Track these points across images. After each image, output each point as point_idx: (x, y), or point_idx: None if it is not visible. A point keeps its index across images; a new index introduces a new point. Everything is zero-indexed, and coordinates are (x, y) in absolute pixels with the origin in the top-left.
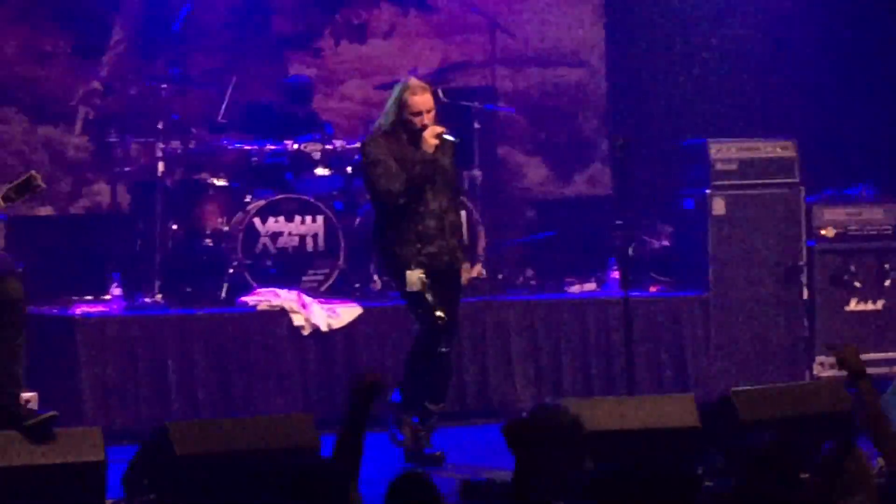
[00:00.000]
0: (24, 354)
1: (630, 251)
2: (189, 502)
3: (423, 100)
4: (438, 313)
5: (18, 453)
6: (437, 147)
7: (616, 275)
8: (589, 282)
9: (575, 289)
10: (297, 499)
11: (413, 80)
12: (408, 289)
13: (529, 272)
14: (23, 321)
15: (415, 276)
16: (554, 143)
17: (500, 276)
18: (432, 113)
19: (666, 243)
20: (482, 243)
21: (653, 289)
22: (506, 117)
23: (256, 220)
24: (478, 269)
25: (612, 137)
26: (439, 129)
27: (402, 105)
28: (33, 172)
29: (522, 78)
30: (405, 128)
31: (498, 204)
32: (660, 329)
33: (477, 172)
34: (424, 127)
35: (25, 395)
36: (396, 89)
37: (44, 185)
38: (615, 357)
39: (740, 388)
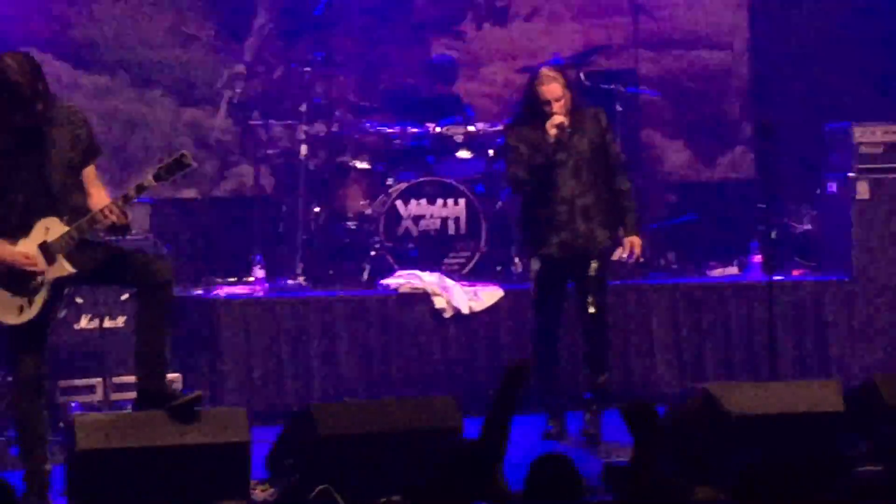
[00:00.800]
0: (169, 336)
1: (773, 235)
2: (332, 483)
3: (550, 89)
4: (591, 310)
5: (164, 433)
6: (567, 132)
7: (758, 259)
8: (731, 266)
9: (717, 272)
10: (440, 480)
11: (544, 70)
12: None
13: (671, 256)
14: (170, 303)
15: (536, 265)
16: (696, 127)
17: (641, 260)
18: (561, 101)
19: (809, 227)
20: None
21: (795, 273)
22: (648, 100)
23: (399, 203)
24: (619, 253)
25: (756, 121)
26: (559, 119)
27: (532, 94)
28: (184, 152)
29: (665, 61)
30: (538, 116)
31: (640, 187)
32: (802, 313)
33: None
34: (552, 115)
35: (170, 376)
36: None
37: (194, 165)
38: (757, 341)
39: (885, 374)
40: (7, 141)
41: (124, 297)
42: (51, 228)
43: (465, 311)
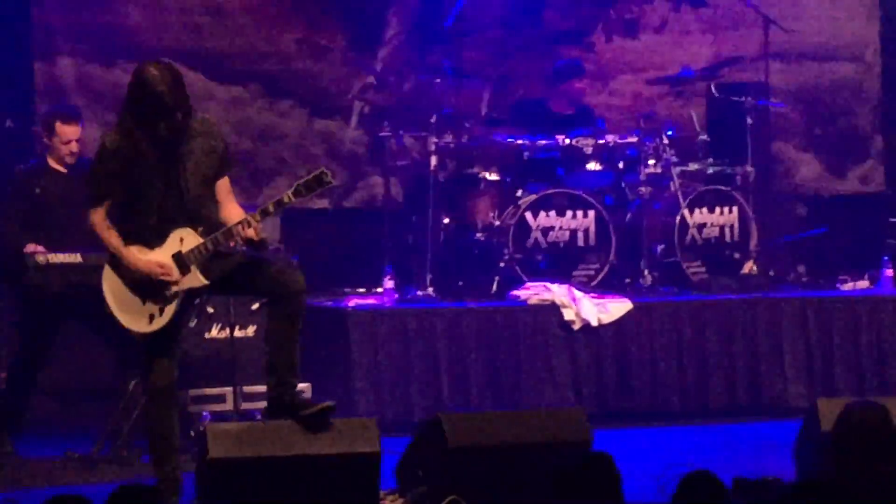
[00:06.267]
0: (300, 346)
1: None
2: (461, 494)
3: None
4: None
5: (295, 443)
6: None
7: (890, 273)
8: (862, 279)
9: (848, 286)
10: (570, 493)
11: None
12: None
13: (801, 269)
14: (302, 313)
15: None
16: (827, 139)
17: (771, 273)
18: None
19: None
20: (754, 239)
21: None
22: (779, 113)
23: (528, 215)
24: (749, 266)
25: (886, 134)
26: None
27: None
28: (324, 169)
29: (796, 73)
30: None
31: (770, 200)
32: None
33: (749, 168)
34: None
35: (300, 385)
36: None
37: (334, 182)
38: (889, 356)
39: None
40: (147, 149)
41: (255, 306)
42: (185, 239)
43: (594, 323)
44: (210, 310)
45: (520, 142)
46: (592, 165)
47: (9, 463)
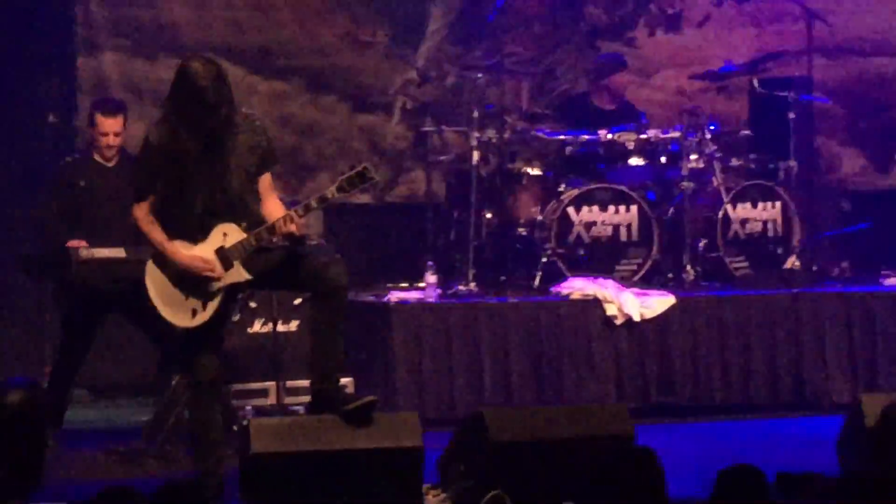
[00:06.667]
0: (343, 340)
1: None
2: (504, 489)
3: None
4: None
5: (338, 437)
6: None
7: None
8: None
9: (891, 281)
10: (613, 488)
11: None
12: None
13: (845, 264)
14: (345, 308)
15: None
16: (871, 134)
17: (814, 268)
18: None
19: None
20: (797, 235)
21: None
22: (822, 107)
23: (570, 210)
24: (792, 261)
25: None
26: None
27: None
28: (367, 165)
29: (840, 67)
30: None
31: (813, 195)
32: None
33: (792, 163)
34: None
35: (343, 380)
36: None
37: (377, 178)
38: None
39: None
40: (190, 145)
41: (297, 301)
42: (229, 234)
43: (637, 318)
44: (253, 305)
45: (562, 137)
46: (634, 160)
47: (51, 456)
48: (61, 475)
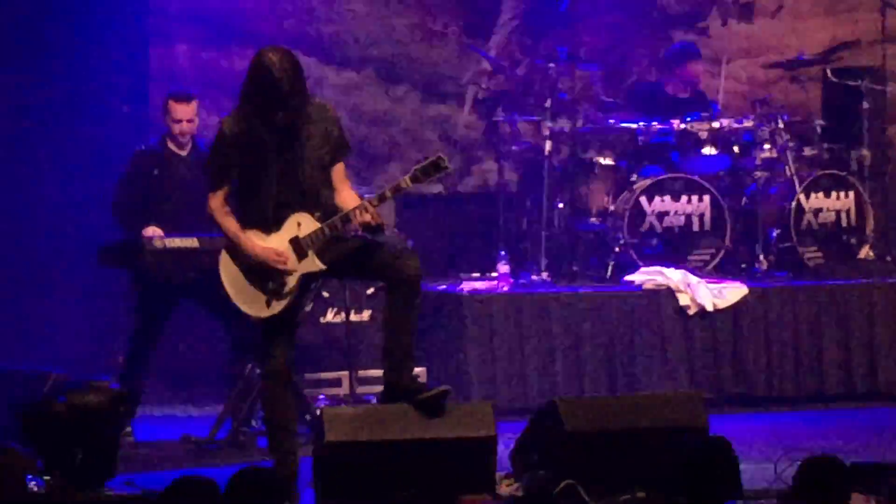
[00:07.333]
0: (416, 330)
1: None
2: (577, 478)
3: None
4: None
5: (411, 427)
6: None
7: None
8: None
9: None
10: (689, 477)
11: None
12: None
13: None
14: (418, 298)
15: None
16: None
17: (888, 258)
18: None
19: None
20: (870, 224)
21: None
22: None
23: (643, 199)
24: (866, 251)
25: None
26: None
27: None
28: (441, 155)
29: None
30: None
31: (886, 184)
32: None
33: (866, 152)
34: None
35: (416, 369)
36: None
37: (450, 168)
38: None
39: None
40: (265, 135)
41: (370, 291)
42: (302, 224)
43: (710, 308)
44: (325, 294)
45: (634, 126)
46: (707, 150)
47: (126, 445)
48: (135, 464)
